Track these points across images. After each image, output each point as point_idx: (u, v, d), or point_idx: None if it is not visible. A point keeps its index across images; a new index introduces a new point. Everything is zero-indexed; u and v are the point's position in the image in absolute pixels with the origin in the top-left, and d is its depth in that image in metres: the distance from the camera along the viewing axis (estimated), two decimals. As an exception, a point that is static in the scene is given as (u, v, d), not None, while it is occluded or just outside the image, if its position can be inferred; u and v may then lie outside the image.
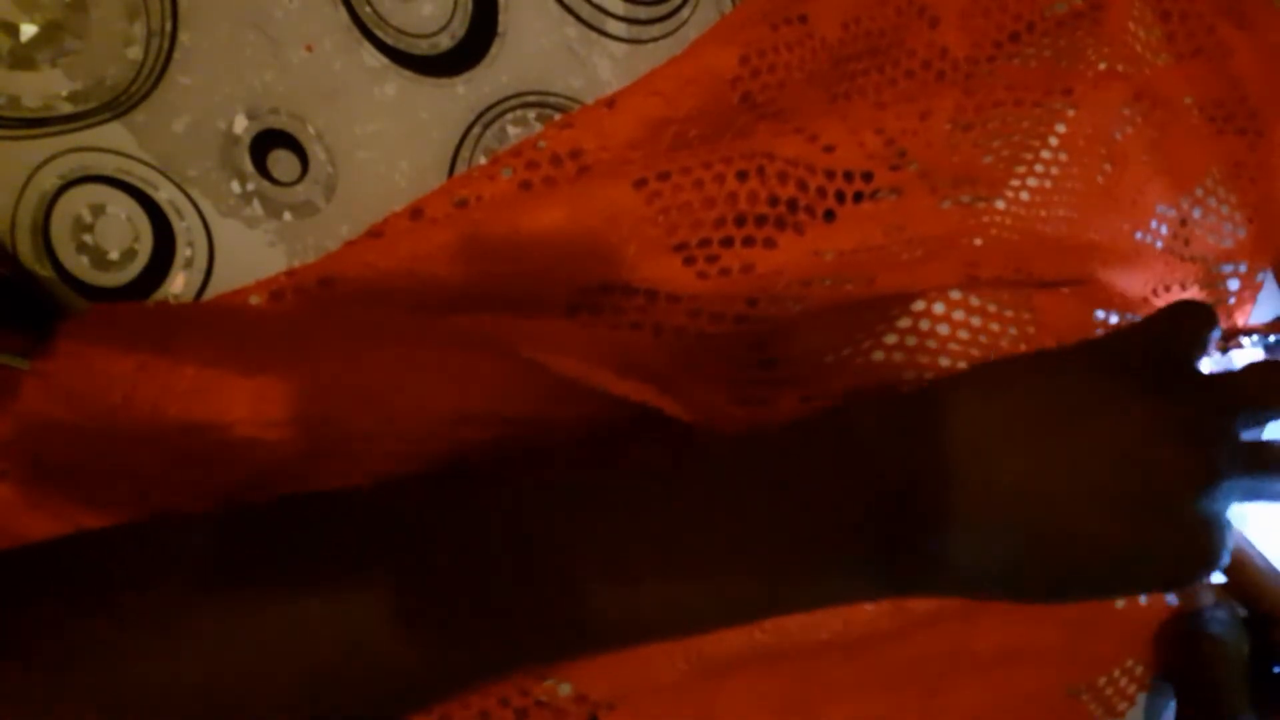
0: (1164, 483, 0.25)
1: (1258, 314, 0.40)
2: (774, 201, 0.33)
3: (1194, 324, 0.28)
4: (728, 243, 0.33)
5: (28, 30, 0.27)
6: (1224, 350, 0.36)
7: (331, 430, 0.28)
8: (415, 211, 0.32)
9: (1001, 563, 0.24)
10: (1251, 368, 0.27)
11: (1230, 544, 0.26)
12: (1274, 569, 0.34)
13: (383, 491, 0.26)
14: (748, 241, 0.33)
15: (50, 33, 0.28)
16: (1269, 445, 0.27)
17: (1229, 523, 0.26)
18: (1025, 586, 0.25)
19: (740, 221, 0.33)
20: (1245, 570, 0.35)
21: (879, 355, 0.34)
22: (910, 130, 0.34)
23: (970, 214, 0.34)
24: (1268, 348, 0.36)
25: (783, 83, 0.36)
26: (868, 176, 0.34)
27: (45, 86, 0.28)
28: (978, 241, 0.33)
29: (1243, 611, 0.36)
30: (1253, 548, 0.35)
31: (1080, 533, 0.24)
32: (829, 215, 0.34)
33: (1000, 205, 0.34)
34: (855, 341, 0.34)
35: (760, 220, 0.33)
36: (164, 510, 0.28)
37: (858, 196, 0.34)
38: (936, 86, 0.35)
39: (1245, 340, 0.36)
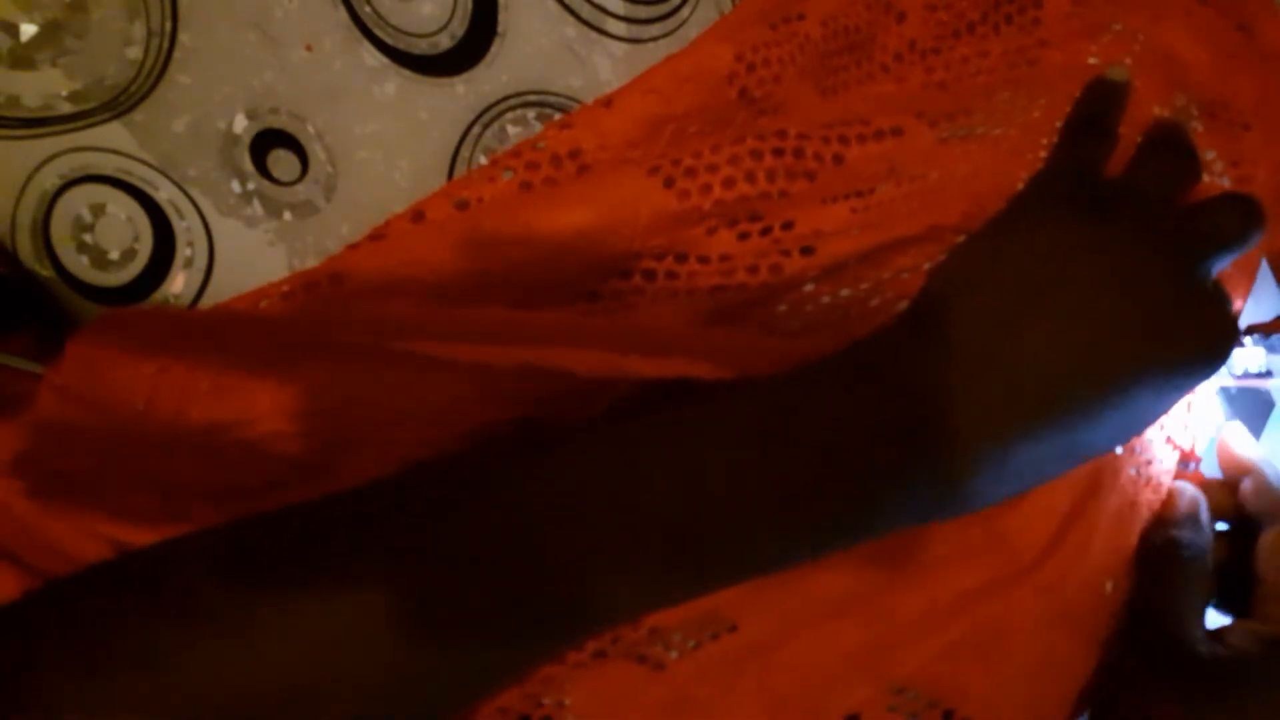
0: (1155, 282, 0.26)
1: (1258, 314, 0.40)
2: (779, 152, 0.33)
3: (1091, 132, 0.30)
4: (742, 201, 0.33)
5: (28, 30, 0.27)
6: None
7: (353, 421, 0.28)
8: (416, 214, 0.32)
9: (1059, 438, 0.25)
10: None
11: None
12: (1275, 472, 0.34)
13: (378, 489, 0.25)
14: (763, 197, 0.33)
15: (50, 33, 0.28)
16: (1198, 206, 0.28)
17: (1220, 290, 0.27)
18: (1092, 445, 0.25)
19: (750, 178, 0.33)
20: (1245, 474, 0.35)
21: (875, 301, 0.34)
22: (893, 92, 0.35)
23: (970, 143, 0.35)
24: (1269, 347, 0.36)
25: (778, 78, 0.36)
26: (866, 121, 0.35)
27: (45, 86, 0.28)
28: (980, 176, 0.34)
29: (1222, 526, 0.36)
30: (1256, 452, 0.35)
31: (1116, 368, 0.25)
32: (838, 159, 0.34)
33: (998, 132, 0.35)
34: (854, 298, 0.34)
35: (770, 174, 0.33)
36: (184, 514, 0.28)
37: (861, 139, 0.35)
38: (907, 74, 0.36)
39: (1245, 340, 0.36)
